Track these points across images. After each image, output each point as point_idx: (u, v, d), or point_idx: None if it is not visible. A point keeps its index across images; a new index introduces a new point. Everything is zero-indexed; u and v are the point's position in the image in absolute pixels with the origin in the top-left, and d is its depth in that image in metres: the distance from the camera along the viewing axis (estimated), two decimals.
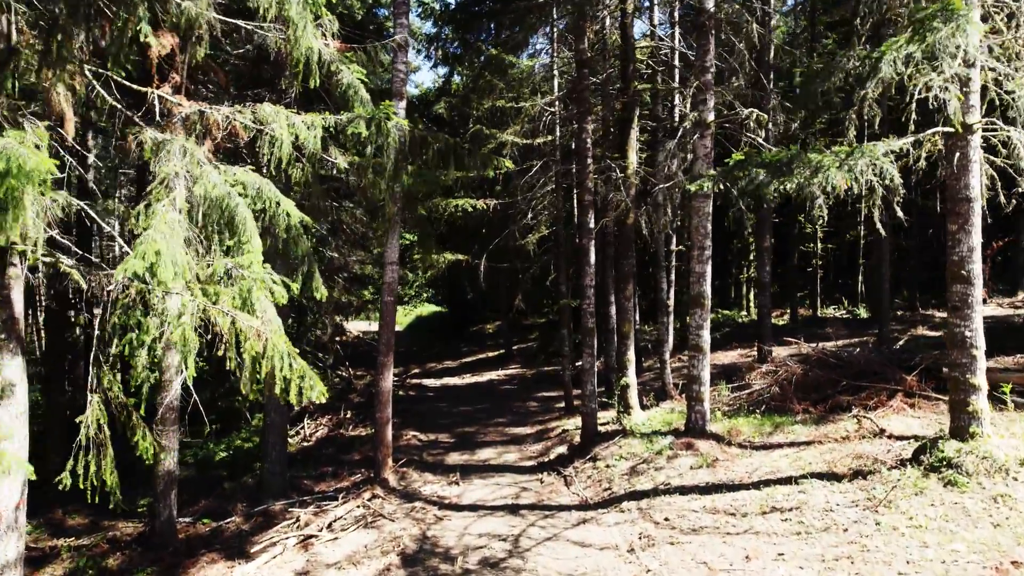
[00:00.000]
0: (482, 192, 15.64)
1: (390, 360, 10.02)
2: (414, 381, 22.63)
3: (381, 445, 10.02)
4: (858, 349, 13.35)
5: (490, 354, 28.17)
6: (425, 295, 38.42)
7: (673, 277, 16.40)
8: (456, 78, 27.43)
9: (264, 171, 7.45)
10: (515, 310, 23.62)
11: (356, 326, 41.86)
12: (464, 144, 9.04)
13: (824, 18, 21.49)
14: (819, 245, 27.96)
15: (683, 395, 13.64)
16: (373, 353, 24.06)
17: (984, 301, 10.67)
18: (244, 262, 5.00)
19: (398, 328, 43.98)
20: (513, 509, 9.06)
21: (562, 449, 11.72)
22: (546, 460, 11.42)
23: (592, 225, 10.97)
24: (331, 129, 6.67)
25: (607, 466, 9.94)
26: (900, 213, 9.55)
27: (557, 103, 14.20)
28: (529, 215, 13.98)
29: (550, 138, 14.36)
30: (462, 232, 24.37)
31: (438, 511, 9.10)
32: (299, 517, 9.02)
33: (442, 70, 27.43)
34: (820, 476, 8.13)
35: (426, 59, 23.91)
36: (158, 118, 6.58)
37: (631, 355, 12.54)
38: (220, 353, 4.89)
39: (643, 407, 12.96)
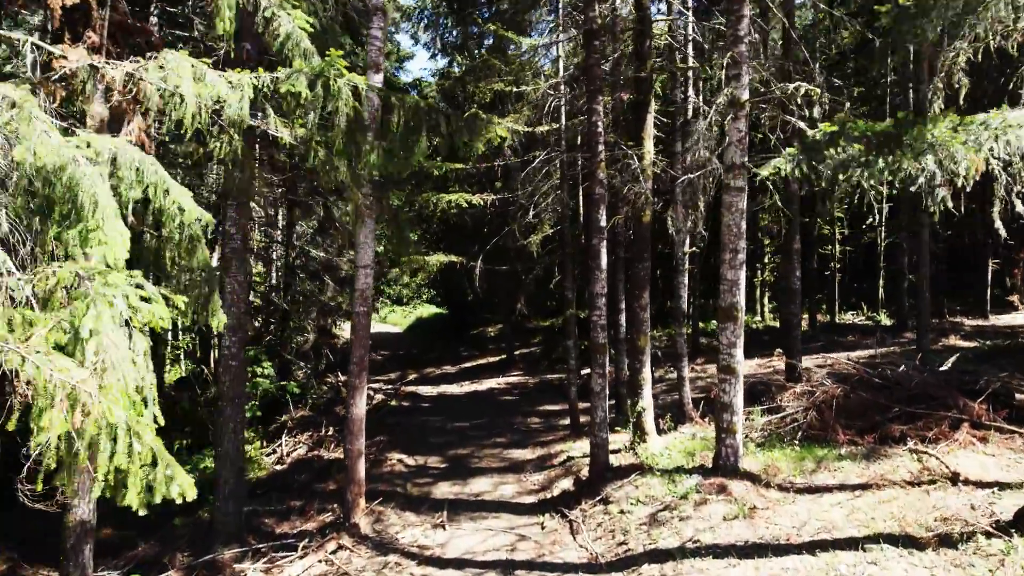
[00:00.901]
0: (480, 187, 13.84)
1: (363, 382, 8.26)
2: (408, 390, 20.88)
3: (352, 483, 8.27)
4: (903, 367, 11.54)
5: (491, 359, 26.41)
6: (425, 295, 36.65)
7: (685, 279, 14.58)
8: (455, 68, 25.71)
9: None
10: (517, 313, 21.87)
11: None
12: (446, 111, 7.21)
13: None
14: (837, 248, 26.10)
15: (705, 418, 11.85)
16: (371, 354, 22.34)
17: None
18: (91, 267, 3.25)
19: (397, 330, 42.28)
20: (507, 567, 7.30)
21: (567, 483, 9.94)
22: (549, 497, 9.65)
23: (603, 223, 9.19)
24: (266, 91, 4.91)
25: (621, 512, 8.15)
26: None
27: (562, 86, 12.41)
28: (531, 212, 12.19)
29: (555, 126, 12.58)
30: (459, 232, 22.62)
31: (416, 568, 7.36)
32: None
33: (442, 61, 25.66)
34: (892, 540, 6.32)
35: (424, 48, 22.13)
36: (30, 71, 4.85)
37: (647, 373, 10.75)
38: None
39: (659, 431, 11.18)
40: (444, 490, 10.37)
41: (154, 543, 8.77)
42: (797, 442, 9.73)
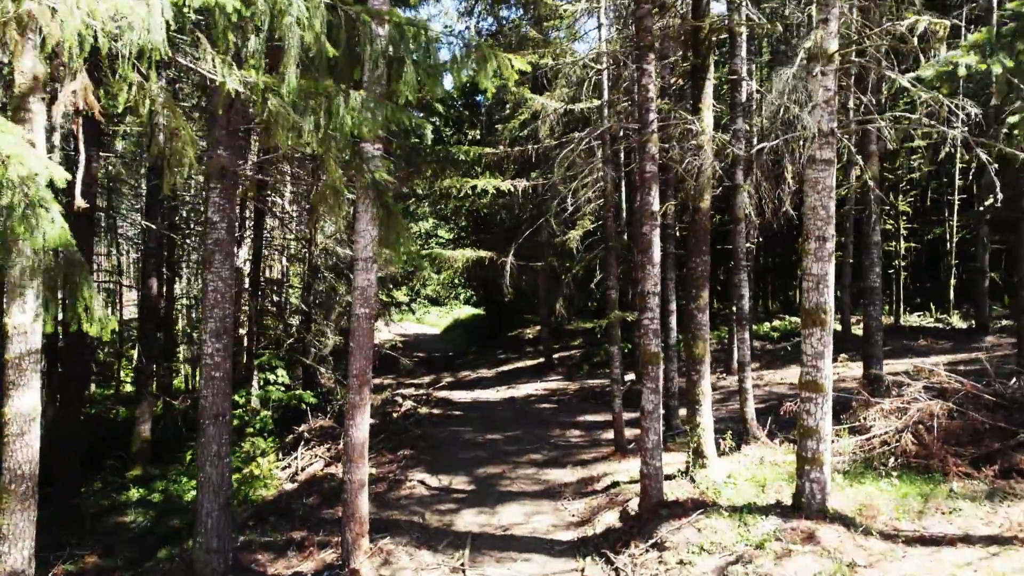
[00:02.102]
0: (514, 175, 12.22)
1: (365, 399, 6.71)
2: (441, 394, 19.39)
3: (352, 521, 6.73)
4: (1015, 380, 9.53)
5: (529, 362, 24.77)
6: (463, 296, 35.22)
7: (745, 276, 12.74)
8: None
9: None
10: (557, 315, 20.22)
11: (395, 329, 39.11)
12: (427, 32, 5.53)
13: None
14: (902, 244, 23.71)
15: (774, 438, 10.02)
16: (405, 356, 20.97)
17: None
18: None
19: (434, 331, 40.89)
20: None
21: (612, 517, 8.26)
22: (590, 534, 7.97)
23: (656, 206, 7.49)
24: (189, 7, 3.39)
25: (681, 563, 6.45)
26: None
27: (605, 57, 10.71)
28: (570, 200, 10.51)
29: (595, 103, 10.89)
30: (491, 227, 21.09)
31: None
32: None
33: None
34: None
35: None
36: None
37: (706, 386, 9.00)
38: None
39: (719, 451, 9.41)
40: (468, 520, 8.79)
41: None
42: (893, 472, 7.88)
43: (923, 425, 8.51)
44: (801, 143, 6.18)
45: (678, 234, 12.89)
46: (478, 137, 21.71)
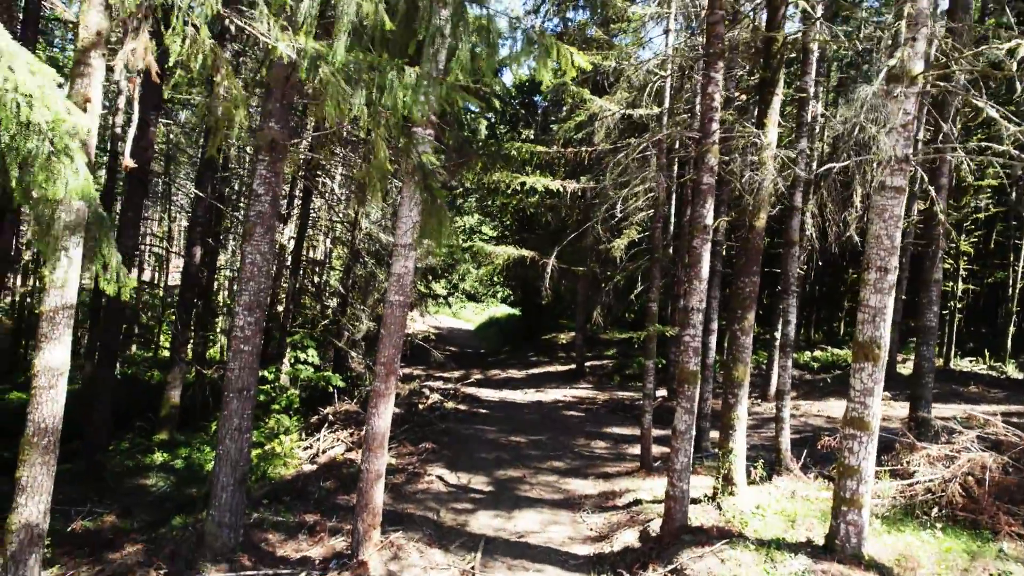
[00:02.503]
0: (565, 177, 11.96)
1: (390, 388, 6.55)
2: (468, 391, 19.23)
3: (364, 511, 6.58)
4: None
5: (560, 368, 24.50)
6: (500, 294, 35.06)
7: (794, 301, 12.24)
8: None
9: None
10: (593, 323, 19.89)
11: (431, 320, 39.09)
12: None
13: None
14: (960, 285, 22.72)
15: (807, 472, 9.58)
16: (437, 349, 20.87)
17: None
18: None
19: (468, 327, 40.81)
20: None
21: (631, 536, 7.94)
22: (607, 552, 7.68)
23: (709, 220, 7.17)
24: None
25: None
26: None
27: (670, 64, 10.38)
28: (619, 207, 10.21)
29: (656, 110, 10.56)
30: (536, 228, 20.85)
31: None
32: None
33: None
34: None
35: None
36: None
37: (742, 411, 8.62)
38: None
39: (749, 480, 9.02)
40: (483, 522, 8.57)
41: (141, 548, 7.35)
42: (937, 524, 7.40)
43: (973, 477, 8.00)
44: (875, 166, 5.77)
45: (726, 252, 12.48)
46: (532, 137, 21.48)
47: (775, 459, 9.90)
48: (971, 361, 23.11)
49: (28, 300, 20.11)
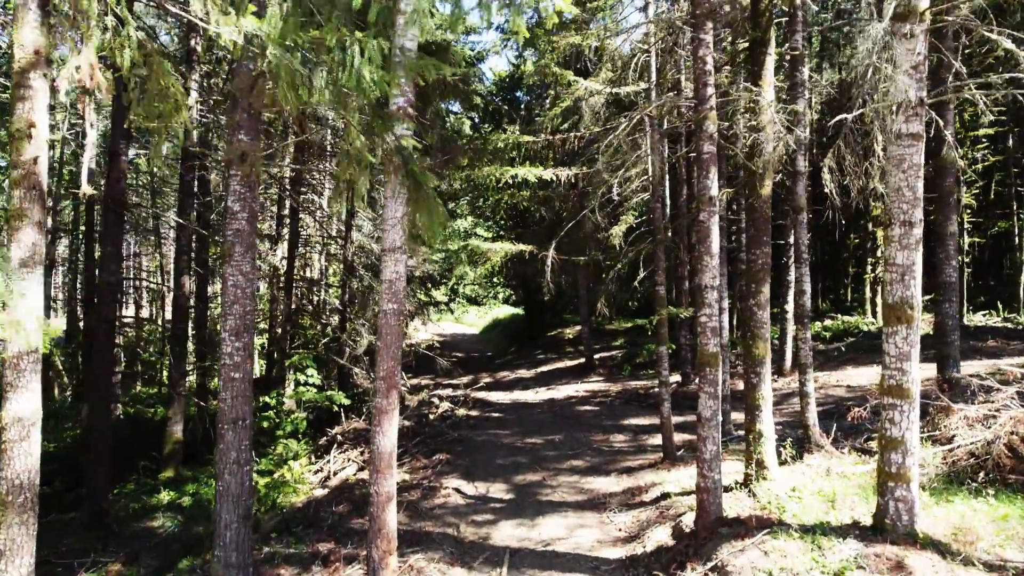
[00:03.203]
0: (554, 165, 11.46)
1: (393, 403, 6.06)
2: (479, 396, 18.75)
3: (378, 537, 6.08)
4: None
5: (569, 363, 24.00)
6: (501, 295, 34.57)
7: (807, 270, 11.72)
8: (530, 55, 23.45)
9: None
10: (598, 314, 19.41)
11: (435, 329, 38.62)
12: None
13: None
14: (966, 238, 22.20)
15: (838, 446, 9.09)
16: (443, 356, 20.39)
17: None
18: None
19: (472, 331, 40.31)
20: None
21: (663, 533, 7.45)
22: (640, 553, 7.18)
23: (715, 191, 6.69)
24: None
25: None
26: None
27: (653, 36, 9.89)
28: (615, 190, 9.72)
29: (643, 86, 10.07)
30: (531, 223, 20.38)
31: None
32: None
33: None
34: None
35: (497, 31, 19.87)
36: None
37: (766, 390, 8.13)
38: None
39: (780, 461, 8.52)
40: (507, 533, 8.08)
41: None
42: (988, 489, 6.91)
43: (1017, 435, 7.50)
44: (891, 111, 5.30)
45: (728, 226, 12.00)
46: (517, 132, 21.05)
47: (803, 436, 9.41)
48: (984, 315, 22.61)
49: None
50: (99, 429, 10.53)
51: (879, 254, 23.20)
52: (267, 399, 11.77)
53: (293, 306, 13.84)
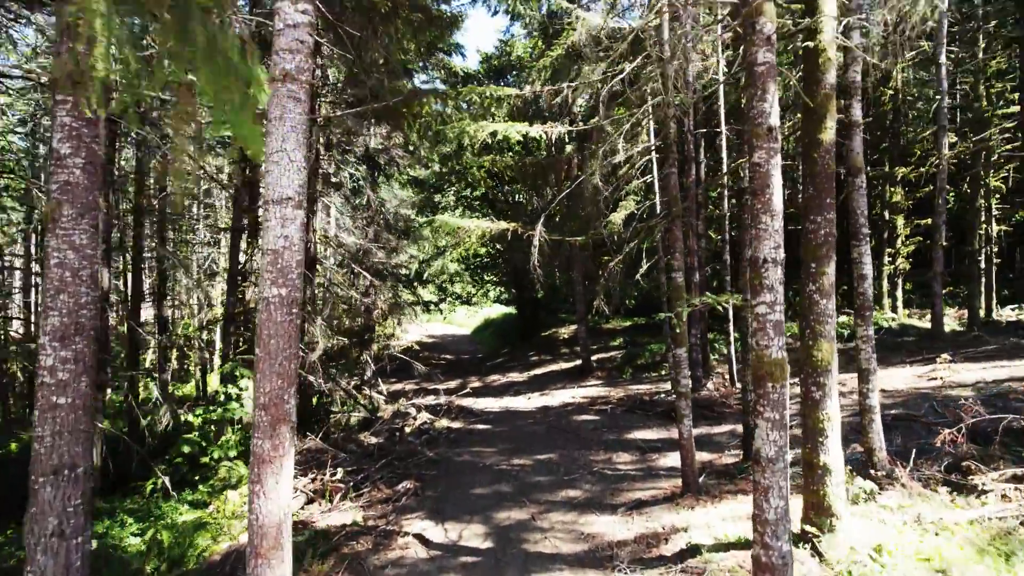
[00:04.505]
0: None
1: (282, 446, 3.75)
2: (465, 402, 16.45)
3: None
4: None
5: (564, 365, 21.70)
6: (492, 294, 32.28)
7: (867, 248, 9.40)
8: (518, 28, 21.15)
9: None
10: (595, 311, 17.14)
11: (425, 328, 36.27)
12: None
13: None
14: (994, 226, 19.97)
15: (918, 478, 6.81)
16: (432, 358, 17.96)
17: None
18: None
19: (462, 332, 37.88)
20: None
21: None
22: None
23: (775, 119, 4.41)
24: None
25: None
26: None
27: None
28: (621, 144, 7.40)
29: (655, 20, 7.77)
30: (520, 207, 18.10)
31: None
32: None
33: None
34: None
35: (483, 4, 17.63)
36: None
37: (832, 408, 5.83)
38: None
39: (850, 499, 6.23)
40: None
41: None
42: None
43: None
44: None
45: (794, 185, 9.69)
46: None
47: (866, 462, 7.13)
48: (1013, 310, 20.42)
49: None
50: None
51: (899, 244, 20.95)
52: (191, 418, 9.46)
53: (238, 307, 11.52)
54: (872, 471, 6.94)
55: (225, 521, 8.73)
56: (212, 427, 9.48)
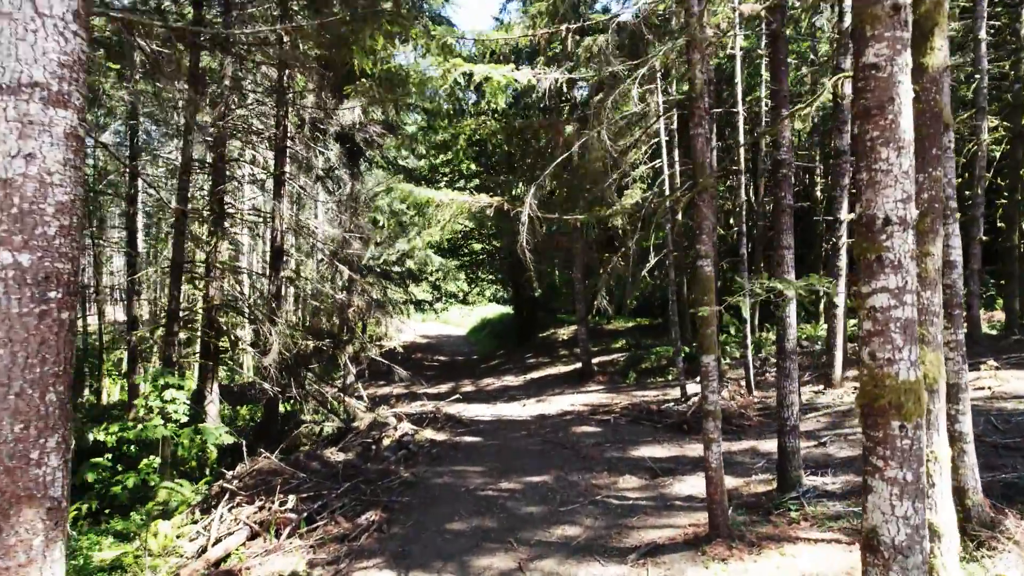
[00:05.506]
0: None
1: (19, 558, 2.00)
2: (454, 409, 14.74)
3: None
4: None
5: (563, 368, 20.02)
6: (487, 292, 30.56)
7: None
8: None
9: None
10: (596, 311, 15.47)
11: (419, 329, 34.55)
12: None
13: None
14: None
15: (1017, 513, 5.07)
16: (425, 359, 16.29)
17: None
18: None
19: (459, 332, 36.12)
20: None
21: None
22: None
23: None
24: None
25: None
26: None
27: None
28: (635, 91, 5.66)
29: None
30: (502, 166, 16.38)
31: None
32: None
33: None
34: None
35: None
36: None
37: (940, 445, 4.10)
38: None
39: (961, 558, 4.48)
40: None
41: None
42: None
43: None
44: None
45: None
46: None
47: (959, 509, 5.39)
48: None
49: None
50: None
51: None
52: (100, 434, 7.72)
53: (179, 302, 9.82)
54: (963, 518, 5.22)
55: (150, 561, 7.02)
56: (131, 447, 7.75)
